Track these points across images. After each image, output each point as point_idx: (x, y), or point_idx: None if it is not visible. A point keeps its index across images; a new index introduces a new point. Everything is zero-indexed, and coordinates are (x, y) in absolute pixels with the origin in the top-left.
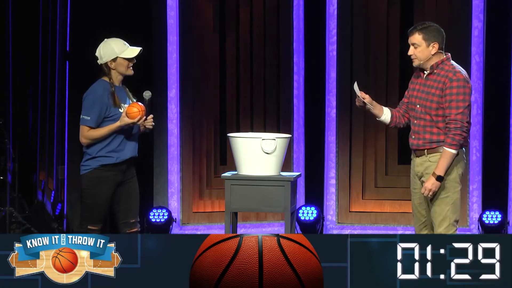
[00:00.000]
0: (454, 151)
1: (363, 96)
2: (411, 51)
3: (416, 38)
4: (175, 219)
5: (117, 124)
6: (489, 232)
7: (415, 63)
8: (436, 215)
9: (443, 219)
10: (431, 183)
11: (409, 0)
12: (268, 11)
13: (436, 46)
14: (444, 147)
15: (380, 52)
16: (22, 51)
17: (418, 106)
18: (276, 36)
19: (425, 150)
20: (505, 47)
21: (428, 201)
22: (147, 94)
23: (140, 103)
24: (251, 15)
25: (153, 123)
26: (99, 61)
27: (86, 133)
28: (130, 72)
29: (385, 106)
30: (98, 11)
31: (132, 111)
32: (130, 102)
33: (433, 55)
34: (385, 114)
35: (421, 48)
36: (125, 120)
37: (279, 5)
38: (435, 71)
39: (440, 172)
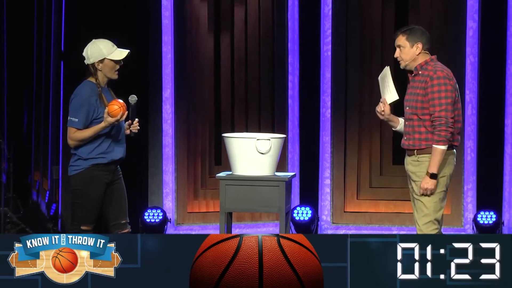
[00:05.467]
0: (442, 147)
1: (383, 110)
2: (397, 53)
3: (400, 39)
4: (170, 219)
5: (102, 125)
6: (483, 232)
7: (402, 65)
8: (419, 210)
9: (425, 215)
10: (425, 182)
11: (404, 0)
12: (262, 11)
13: (420, 46)
14: (433, 145)
15: (375, 52)
16: (17, 51)
17: (408, 108)
18: (271, 36)
19: (415, 151)
20: (499, 48)
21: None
22: (132, 99)
23: (119, 100)
24: (245, 15)
25: (139, 127)
26: (86, 61)
27: (73, 135)
28: (115, 76)
29: None
30: (93, 12)
31: (113, 109)
32: None
33: (418, 55)
34: (401, 124)
35: (406, 49)
36: (108, 120)
37: (274, 5)
38: (419, 72)
39: (432, 169)
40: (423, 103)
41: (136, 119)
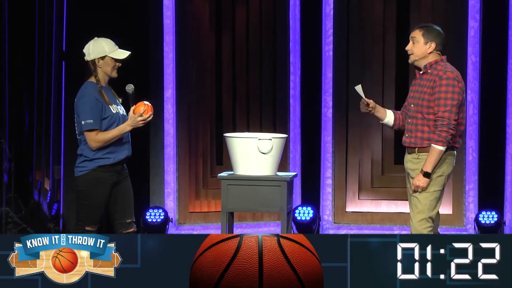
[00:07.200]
0: (440, 148)
1: (367, 101)
2: (409, 45)
3: (416, 33)
4: (172, 219)
5: (128, 123)
6: (485, 232)
7: (411, 58)
8: (414, 207)
9: (419, 212)
10: (418, 179)
11: (405, 0)
12: (264, 11)
13: (433, 45)
14: (432, 144)
15: (376, 52)
16: (18, 51)
17: (412, 105)
18: (273, 36)
19: (416, 149)
20: (501, 47)
21: None
22: (129, 88)
23: (145, 102)
24: (247, 15)
25: None
26: (87, 58)
27: (96, 137)
28: (115, 74)
29: (382, 105)
30: (95, 11)
31: (140, 109)
32: (118, 101)
33: (429, 54)
34: (388, 117)
35: (419, 44)
36: (137, 120)
37: (275, 5)
38: (428, 70)
39: (427, 168)
40: (430, 102)
41: None
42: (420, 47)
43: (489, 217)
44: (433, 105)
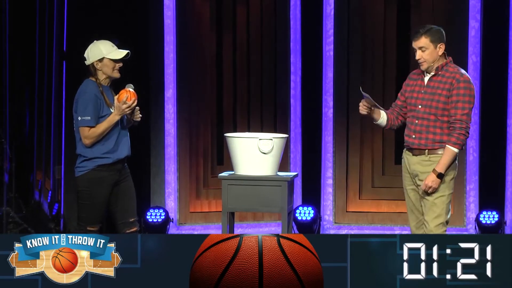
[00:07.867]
0: (456, 150)
1: (373, 103)
2: (418, 55)
3: (423, 41)
4: (172, 219)
5: (115, 113)
6: (486, 232)
7: (424, 66)
8: (431, 212)
9: (437, 216)
10: (431, 180)
11: (406, 0)
12: (265, 11)
13: (443, 47)
14: (448, 145)
15: (377, 52)
16: (19, 51)
17: (420, 106)
18: (273, 36)
19: (426, 150)
20: (501, 47)
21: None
22: (129, 88)
23: (129, 89)
24: (248, 15)
25: (141, 115)
26: (86, 62)
27: (88, 133)
28: (117, 74)
29: (382, 106)
30: (95, 11)
31: (123, 96)
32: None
33: (440, 56)
34: (382, 117)
35: (429, 50)
36: (122, 107)
37: (276, 5)
38: (439, 72)
39: (441, 169)
40: (445, 104)
41: (137, 108)
42: (432, 53)
43: (489, 217)
44: (449, 107)
